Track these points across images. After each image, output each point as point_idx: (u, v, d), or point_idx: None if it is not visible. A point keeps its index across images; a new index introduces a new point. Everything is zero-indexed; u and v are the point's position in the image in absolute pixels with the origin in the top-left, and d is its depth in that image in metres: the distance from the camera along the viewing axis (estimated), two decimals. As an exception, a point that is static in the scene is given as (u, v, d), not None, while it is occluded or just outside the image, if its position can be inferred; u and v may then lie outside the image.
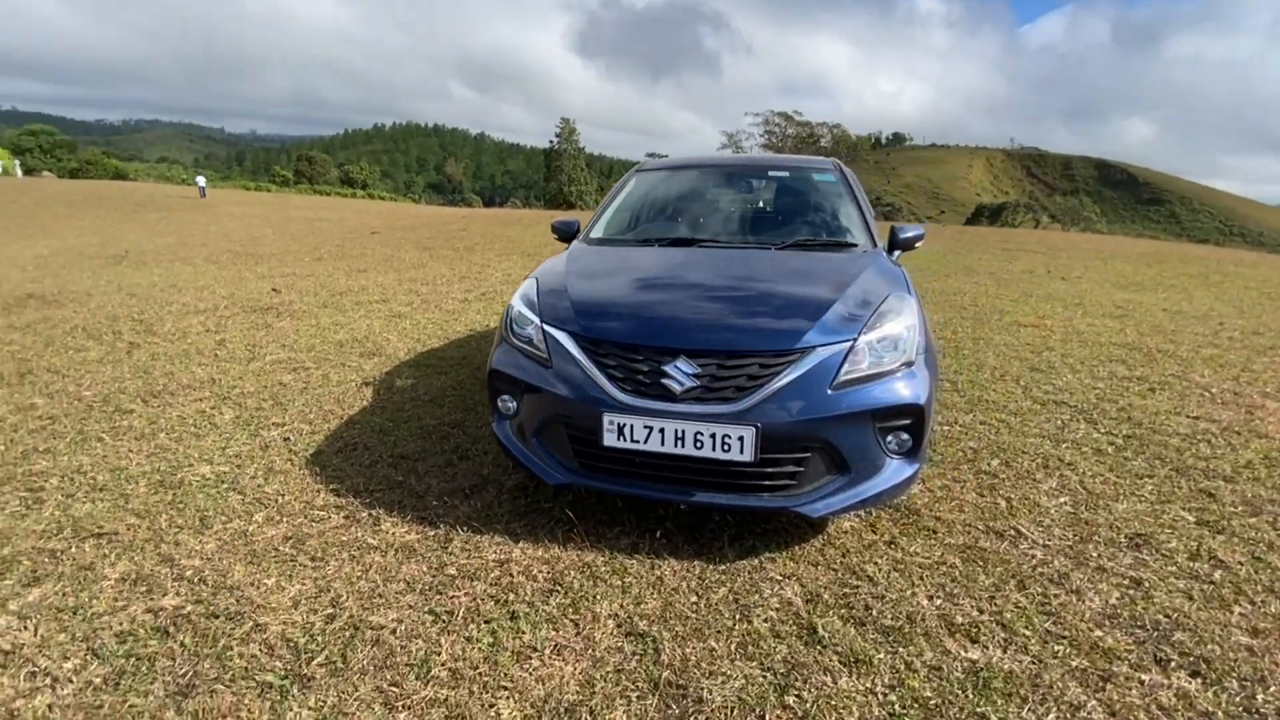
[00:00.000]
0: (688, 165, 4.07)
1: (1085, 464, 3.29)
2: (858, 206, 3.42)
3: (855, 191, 3.53)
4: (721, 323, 2.39)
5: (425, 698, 1.74)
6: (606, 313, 2.51)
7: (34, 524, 2.56)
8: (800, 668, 1.85)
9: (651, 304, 2.57)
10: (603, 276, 2.89)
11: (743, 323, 2.39)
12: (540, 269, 3.04)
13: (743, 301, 2.55)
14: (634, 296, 2.66)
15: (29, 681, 1.78)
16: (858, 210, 3.41)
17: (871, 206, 3.76)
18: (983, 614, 2.10)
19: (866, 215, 3.38)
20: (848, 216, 3.46)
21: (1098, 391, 4.45)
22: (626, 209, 3.76)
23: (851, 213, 3.43)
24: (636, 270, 2.95)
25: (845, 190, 3.53)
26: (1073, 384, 4.64)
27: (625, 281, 2.83)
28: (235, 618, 2.04)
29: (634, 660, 1.89)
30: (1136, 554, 2.47)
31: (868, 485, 2.32)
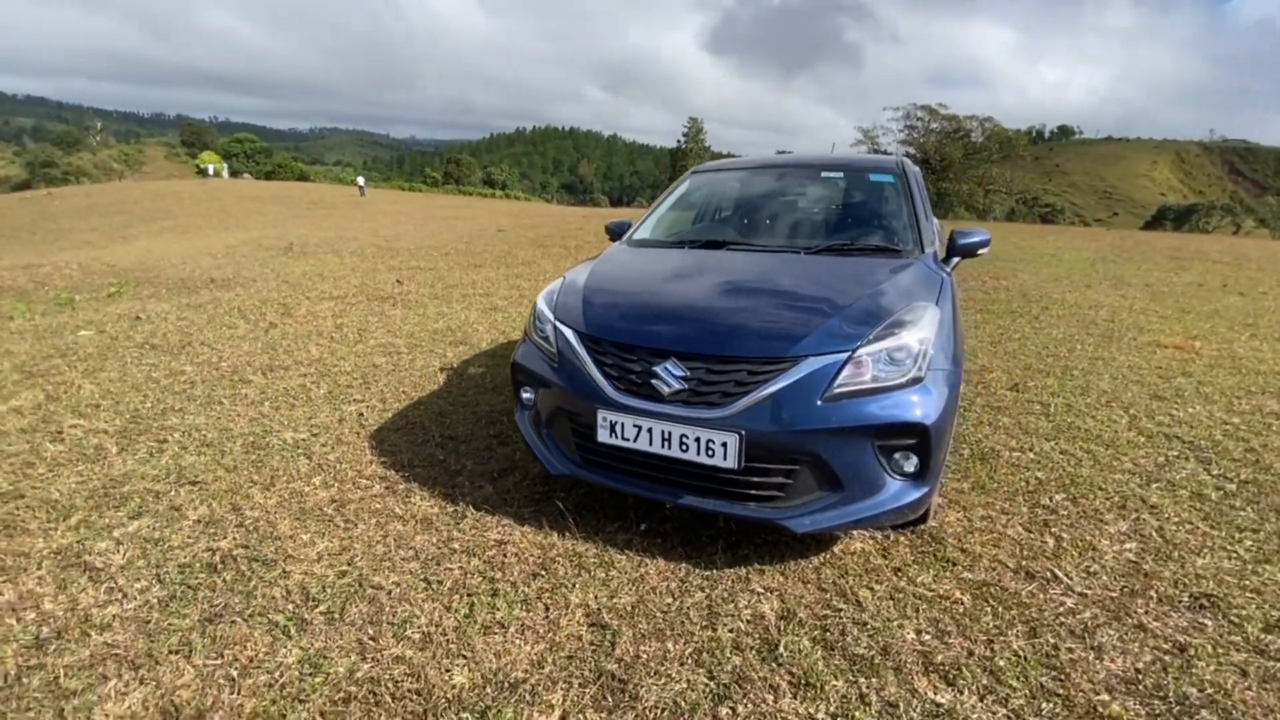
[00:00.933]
0: (742, 167, 4.01)
1: (1174, 509, 2.86)
2: (912, 209, 3.20)
3: (914, 193, 3.30)
4: (715, 326, 2.37)
5: (393, 654, 1.93)
6: (609, 312, 2.58)
7: (151, 469, 3.10)
8: (745, 682, 1.82)
9: (652, 305, 2.60)
10: (621, 278, 2.95)
11: (735, 327, 2.35)
12: (573, 270, 3.17)
13: (745, 306, 2.50)
14: (639, 298, 2.71)
15: (107, 595, 2.19)
16: (910, 213, 3.18)
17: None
18: (971, 657, 1.93)
19: (920, 218, 3.15)
20: (896, 219, 3.25)
21: (1228, 428, 3.82)
22: (673, 211, 3.79)
23: (902, 216, 3.21)
24: (655, 272, 2.98)
25: (901, 191, 3.31)
26: (1199, 416, 4.01)
27: (639, 283, 2.87)
28: (269, 564, 2.37)
29: (589, 650, 1.96)
30: (1195, 617, 2.13)
31: (863, 505, 2.20)
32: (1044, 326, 6.57)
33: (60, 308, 7.06)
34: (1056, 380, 4.74)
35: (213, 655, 1.92)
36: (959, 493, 3.01)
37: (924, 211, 3.21)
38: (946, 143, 41.41)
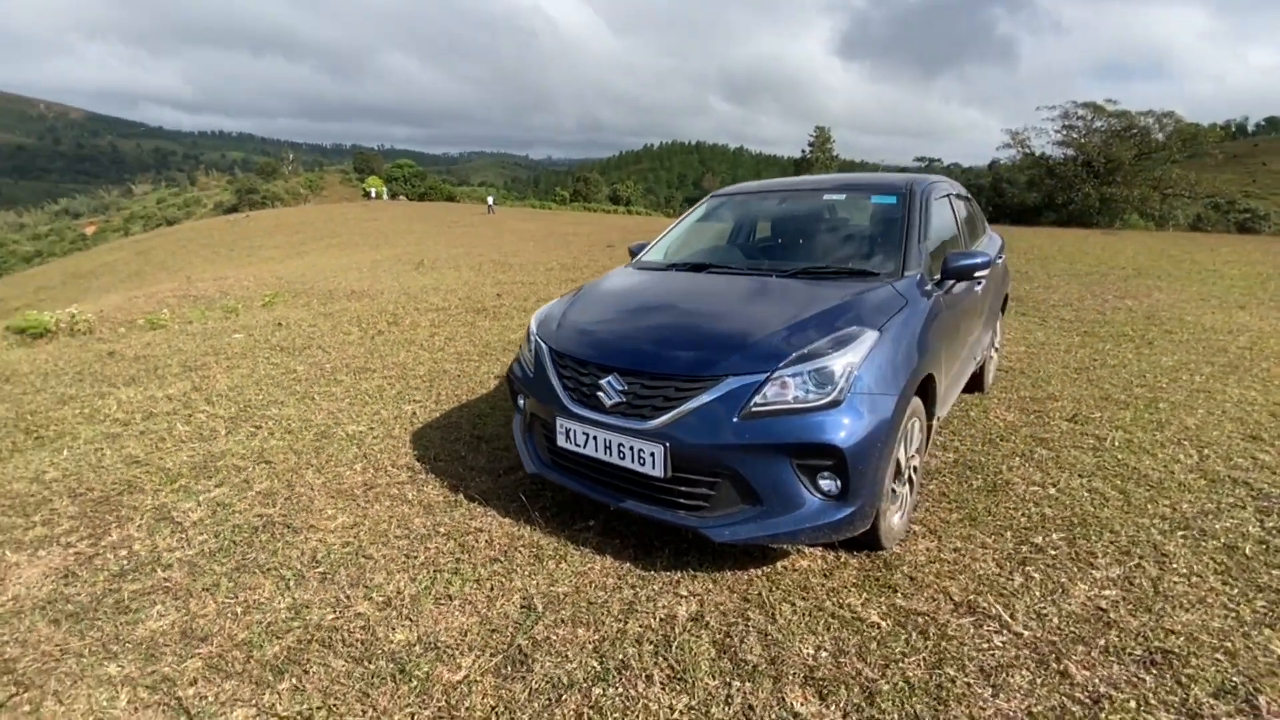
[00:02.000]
0: (756, 190, 4.09)
1: (1188, 559, 2.59)
2: (905, 231, 3.14)
3: (914, 215, 3.22)
4: (655, 345, 2.55)
5: (357, 611, 2.33)
6: (574, 331, 2.85)
7: (241, 448, 3.82)
8: (627, 670, 2.01)
9: (611, 325, 2.82)
10: (599, 298, 3.20)
11: (669, 347, 2.51)
12: (572, 290, 3.47)
13: (687, 327, 2.65)
14: (605, 317, 2.94)
15: (177, 542, 2.81)
16: (901, 235, 3.13)
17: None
18: (857, 677, 1.96)
19: (912, 241, 3.08)
20: (883, 242, 3.20)
21: (1322, 477, 3.30)
22: (682, 233, 3.96)
23: (891, 238, 3.16)
24: (630, 294, 3.19)
25: (902, 215, 3.25)
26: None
27: (610, 304, 3.10)
28: (297, 531, 2.89)
29: (511, 627, 2.23)
30: (1136, 671, 1.99)
31: (782, 521, 2.28)
32: (1154, 353, 5.87)
33: (227, 314, 8.55)
34: (1132, 413, 4.30)
35: (230, 595, 2.43)
36: (944, 523, 2.92)
37: (920, 234, 3.14)
38: (1114, 142, 36.93)
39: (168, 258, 24.59)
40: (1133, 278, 10.65)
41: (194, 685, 1.99)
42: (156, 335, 7.24)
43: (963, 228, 3.91)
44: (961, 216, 3.99)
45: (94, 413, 4.47)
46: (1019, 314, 7.82)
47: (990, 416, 4.29)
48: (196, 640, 2.19)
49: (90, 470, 3.52)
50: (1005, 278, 4.80)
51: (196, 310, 8.90)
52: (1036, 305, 8.36)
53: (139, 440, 3.95)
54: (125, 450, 3.79)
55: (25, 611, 2.34)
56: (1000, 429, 4.06)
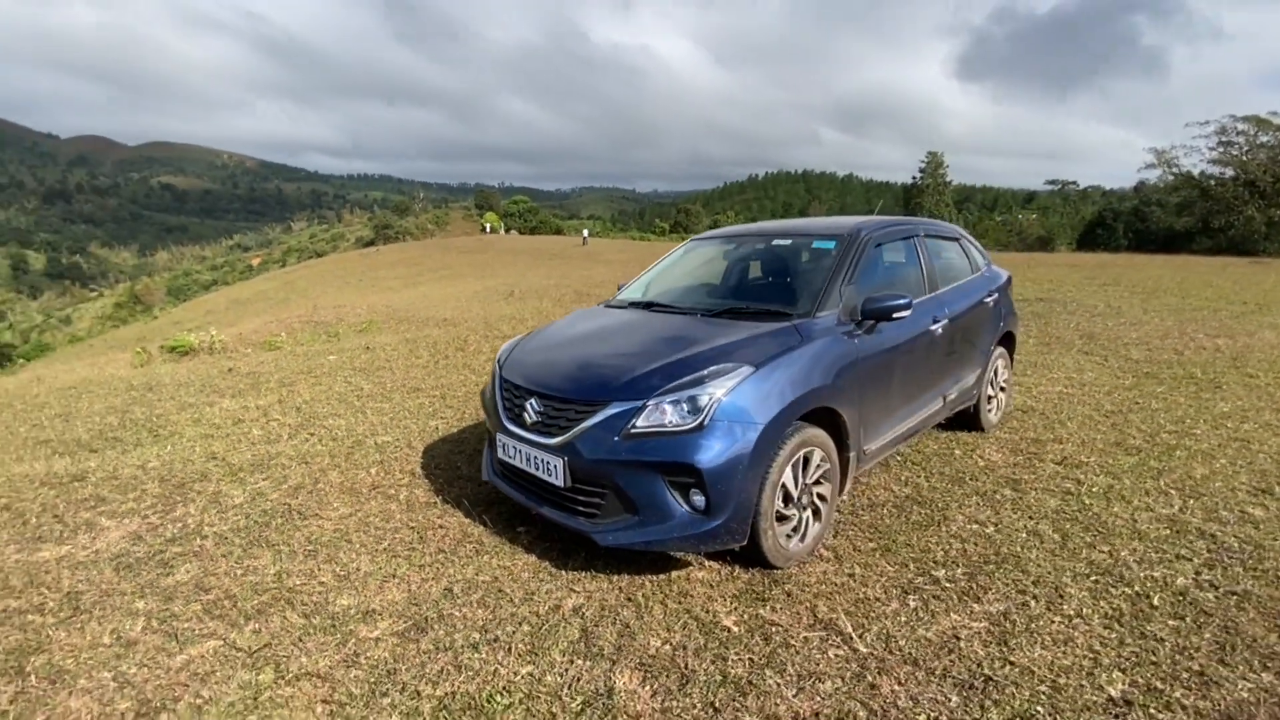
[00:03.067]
0: (724, 235, 4.38)
1: (1081, 603, 2.60)
2: (832, 275, 3.34)
3: (845, 261, 3.41)
4: (566, 374, 2.97)
5: (321, 580, 2.90)
6: (519, 359, 3.33)
7: (293, 450, 4.63)
8: (497, 643, 2.41)
9: (545, 355, 3.27)
10: (553, 331, 3.65)
11: (575, 375, 2.92)
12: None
13: (598, 359, 3.04)
14: (544, 348, 3.39)
15: (218, 518, 3.56)
16: (826, 279, 3.33)
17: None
18: (684, 668, 2.24)
19: (835, 285, 3.28)
20: (806, 285, 3.43)
21: (1306, 535, 3.08)
22: (655, 273, 4.34)
23: (815, 282, 3.37)
24: (579, 328, 3.61)
25: (836, 261, 3.45)
26: (1284, 519, 3.27)
27: (557, 337, 3.54)
28: (305, 517, 3.56)
29: (425, 604, 2.71)
30: (948, 691, 2.11)
31: (655, 529, 2.61)
32: (1214, 399, 5.42)
33: (330, 338, 9.89)
34: (1137, 459, 4.12)
35: (238, 562, 3.10)
36: (855, 550, 3.07)
37: (845, 278, 3.33)
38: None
39: (308, 286, 28.07)
40: (1246, 314, 9.56)
41: (189, 621, 2.63)
42: (270, 355, 8.58)
43: (928, 268, 4.00)
44: (932, 258, 4.08)
45: (200, 418, 5.53)
46: (1081, 352, 7.38)
47: (974, 455, 4.26)
48: (203, 590, 2.86)
49: (180, 463, 4.45)
50: (1005, 315, 4.73)
51: (309, 334, 10.37)
52: (1108, 342, 7.81)
53: (222, 441, 4.89)
54: (210, 448, 4.73)
55: (100, 561, 3.14)
56: (976, 468, 4.05)
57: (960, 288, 4.28)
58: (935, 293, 3.97)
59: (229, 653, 2.43)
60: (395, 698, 2.16)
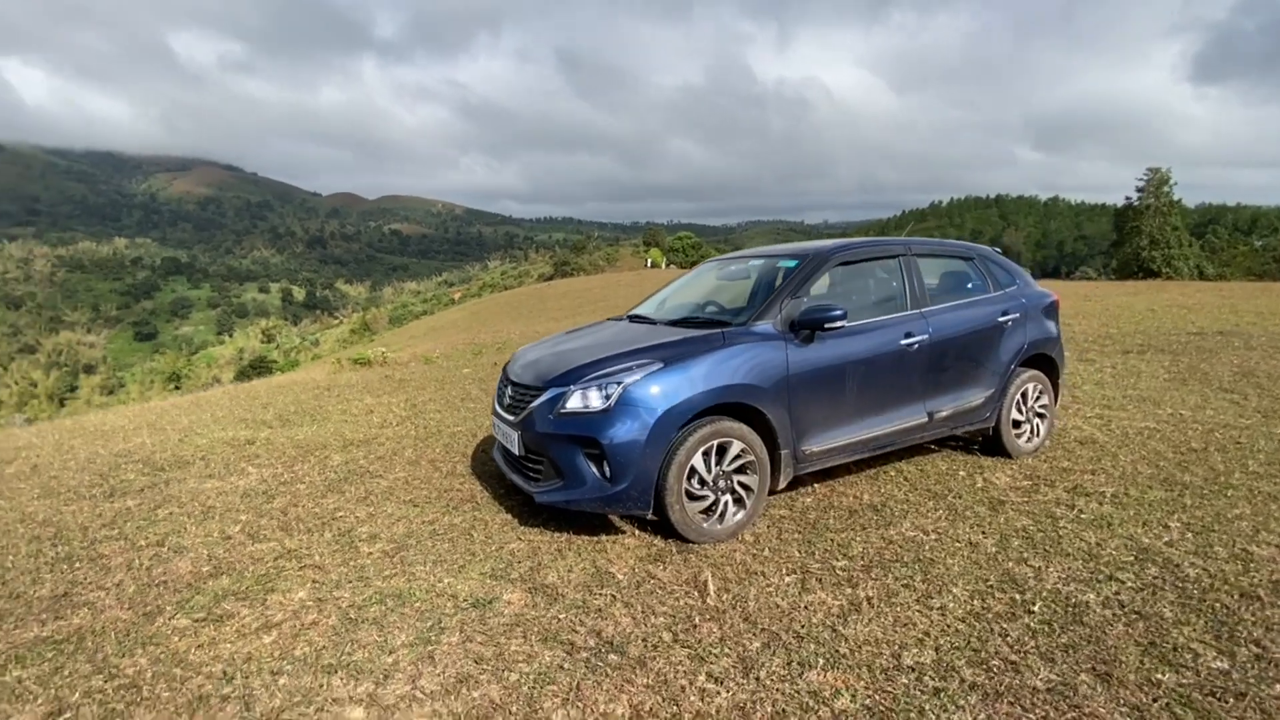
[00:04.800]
0: (725, 258, 4.77)
1: (956, 600, 2.69)
2: (777, 291, 3.66)
3: (794, 278, 3.72)
4: (530, 368, 3.66)
5: (359, 514, 3.88)
6: (516, 358, 4.08)
7: (391, 433, 5.85)
8: (438, 562, 3.14)
9: (533, 355, 3.96)
10: (553, 338, 4.35)
11: (538, 369, 3.59)
12: None
13: (558, 356, 3.67)
14: (536, 350, 4.08)
15: (316, 473, 4.76)
16: (768, 294, 3.68)
17: None
18: (559, 596, 2.79)
19: (777, 299, 3.60)
20: (753, 300, 3.77)
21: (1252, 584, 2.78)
22: (667, 290, 4.86)
23: (760, 296, 3.71)
24: (569, 334, 4.26)
25: (785, 278, 3.76)
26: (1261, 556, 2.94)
27: (552, 341, 4.22)
28: (374, 476, 4.62)
29: (412, 536, 3.53)
30: (750, 639, 2.42)
31: (574, 491, 3.19)
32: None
33: (474, 356, 11.61)
34: (1169, 495, 3.79)
35: (312, 500, 4.20)
36: (777, 538, 3.37)
37: (789, 293, 3.63)
38: None
39: (489, 317, 31.95)
40: None
41: (265, 530, 3.72)
42: (422, 368, 10.37)
43: (911, 287, 4.09)
44: (920, 276, 4.16)
45: (346, 409, 7.09)
46: (1221, 389, 6.42)
47: (978, 476, 4.19)
48: (283, 514, 3.97)
49: (316, 436, 5.87)
50: (1034, 337, 4.53)
51: (461, 353, 12.24)
52: (1265, 380, 6.67)
53: (351, 424, 6.30)
54: (341, 429, 6.14)
55: (234, 492, 4.43)
56: (967, 487, 4.00)
57: (960, 306, 4.27)
58: (919, 310, 4.05)
59: (278, 549, 3.44)
60: (354, 584, 2.99)
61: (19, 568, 3.29)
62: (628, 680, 2.23)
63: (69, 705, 2.20)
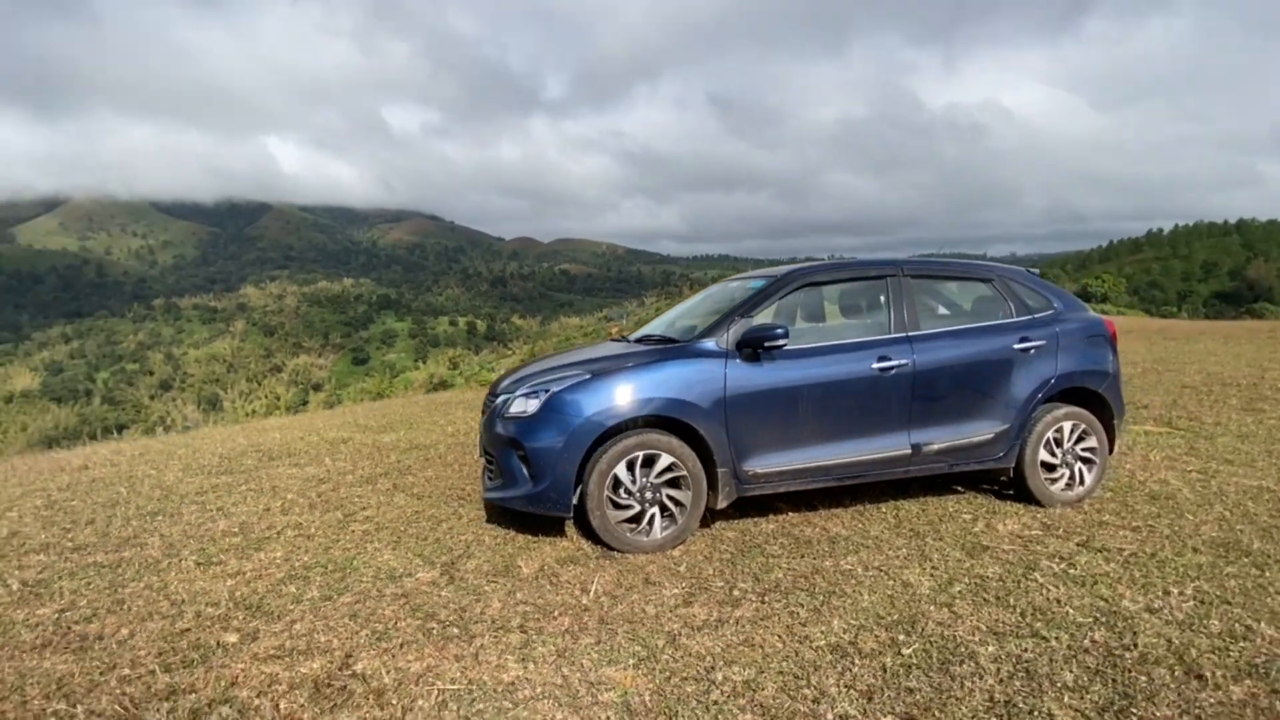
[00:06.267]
0: (737, 277, 4.72)
1: (817, 629, 2.52)
2: (732, 310, 3.64)
3: (751, 298, 3.69)
4: (508, 379, 3.97)
5: (370, 499, 4.47)
6: (510, 373, 4.43)
7: (450, 439, 6.54)
8: (386, 540, 3.56)
9: (520, 370, 4.27)
10: (547, 356, 4.63)
11: (509, 380, 3.89)
12: None
13: (534, 368, 3.93)
14: (527, 365, 4.39)
15: (368, 466, 5.51)
16: (725, 313, 3.67)
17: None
18: (462, 580, 3.06)
19: (727, 318, 3.58)
20: (708, 319, 3.73)
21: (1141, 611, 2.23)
22: (670, 313, 4.94)
23: (713, 319, 3.69)
24: (570, 353, 4.48)
25: (742, 298, 3.73)
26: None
27: (544, 358, 4.50)
28: (408, 475, 5.26)
29: (393, 518, 4.00)
30: (592, 630, 2.49)
31: (509, 490, 3.45)
32: None
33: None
34: (1208, 560, 3.16)
35: (350, 487, 4.90)
36: (704, 557, 3.35)
37: (741, 312, 3.58)
38: None
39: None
40: None
41: (303, 505, 4.43)
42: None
43: (899, 309, 3.82)
44: (910, 298, 3.87)
45: (437, 420, 7.99)
46: None
47: (981, 520, 3.75)
48: (326, 495, 4.68)
49: (394, 441, 6.74)
50: (1068, 368, 3.96)
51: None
52: None
53: (427, 432, 7.12)
54: (415, 435, 6.97)
55: (300, 480, 5.29)
56: (960, 530, 3.61)
57: (962, 331, 3.90)
58: (905, 333, 3.79)
59: (292, 521, 4.09)
60: (318, 552, 3.49)
61: (123, 516, 4.29)
62: (444, 649, 2.44)
63: (74, 606, 2.91)
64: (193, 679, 2.24)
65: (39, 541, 3.83)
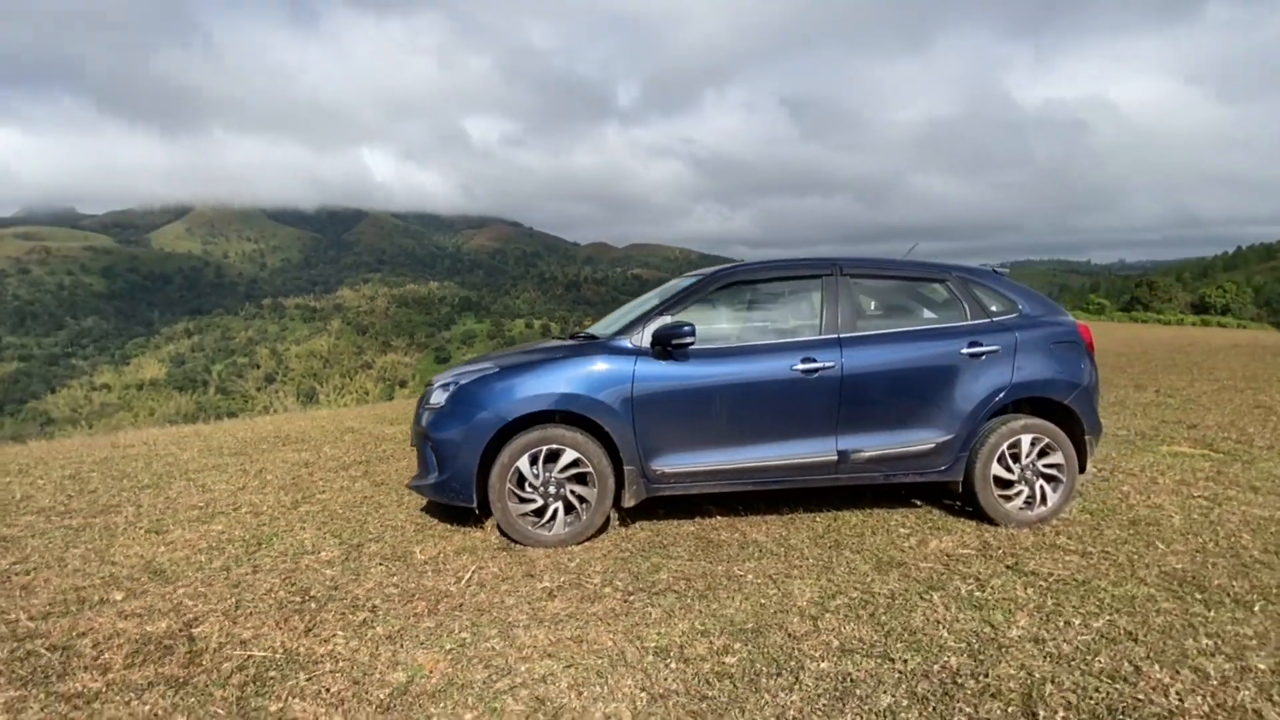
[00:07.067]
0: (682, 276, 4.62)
1: (661, 628, 2.45)
2: (650, 309, 3.60)
3: (667, 297, 3.67)
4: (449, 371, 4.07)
5: (340, 484, 4.71)
6: None
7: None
8: (316, 520, 3.74)
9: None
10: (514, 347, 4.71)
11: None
12: None
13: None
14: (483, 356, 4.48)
15: (367, 449, 5.81)
16: (643, 311, 3.62)
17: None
18: (362, 563, 3.18)
19: (646, 316, 3.53)
20: (630, 317, 3.69)
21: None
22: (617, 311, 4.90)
23: (633, 317, 3.65)
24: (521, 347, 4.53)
25: (670, 297, 3.65)
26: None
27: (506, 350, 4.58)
28: (387, 461, 5.50)
29: (342, 506, 4.20)
30: (398, 598, 2.53)
31: (423, 480, 3.55)
32: None
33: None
34: (1146, 592, 2.84)
35: (328, 473, 5.18)
36: (601, 554, 3.33)
37: (656, 312, 3.53)
38: None
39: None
40: None
41: (270, 487, 4.74)
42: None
43: (832, 309, 3.64)
44: (846, 298, 3.68)
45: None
46: None
47: (915, 537, 3.52)
48: (295, 477, 4.98)
49: (399, 432, 7.05)
50: (1029, 376, 3.64)
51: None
52: None
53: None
54: (419, 427, 7.26)
55: (291, 463, 5.64)
56: (886, 545, 3.40)
57: (902, 333, 3.67)
58: (836, 334, 3.61)
59: (253, 500, 4.37)
60: (258, 528, 3.72)
61: (120, 488, 4.72)
62: (287, 621, 2.56)
63: (25, 560, 3.26)
64: (50, 627, 2.47)
65: (39, 505, 4.29)
